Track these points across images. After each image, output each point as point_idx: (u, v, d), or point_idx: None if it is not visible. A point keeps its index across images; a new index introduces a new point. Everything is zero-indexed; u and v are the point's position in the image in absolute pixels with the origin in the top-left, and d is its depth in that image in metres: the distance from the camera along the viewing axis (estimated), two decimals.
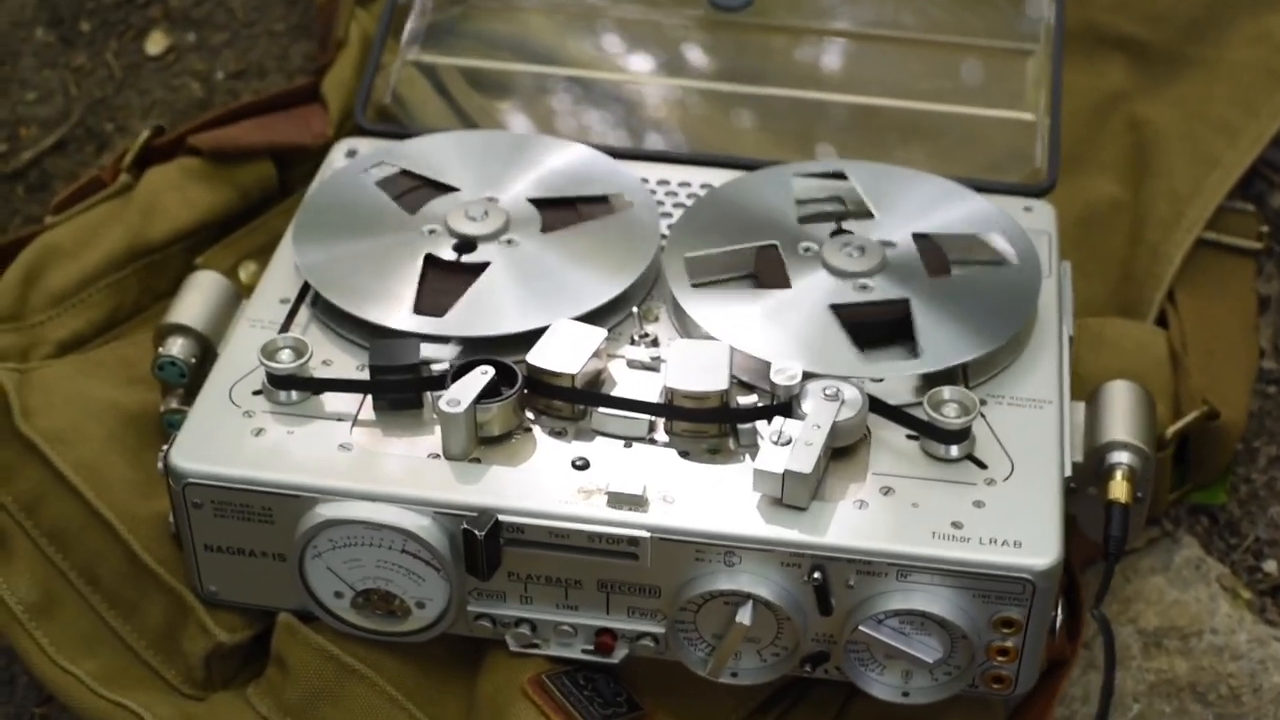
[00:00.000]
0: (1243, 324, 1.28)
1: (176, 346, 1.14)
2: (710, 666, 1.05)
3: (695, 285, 1.14)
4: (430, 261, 1.15)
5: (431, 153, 1.24)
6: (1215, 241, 1.31)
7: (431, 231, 1.17)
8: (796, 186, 1.21)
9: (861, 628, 1.01)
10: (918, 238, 1.16)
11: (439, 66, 1.38)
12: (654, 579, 1.03)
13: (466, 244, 1.16)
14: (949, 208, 1.19)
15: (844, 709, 1.09)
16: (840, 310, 1.12)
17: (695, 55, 1.39)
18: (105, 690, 1.08)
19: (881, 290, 1.13)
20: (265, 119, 1.33)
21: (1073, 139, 1.34)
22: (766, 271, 1.15)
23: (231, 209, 1.30)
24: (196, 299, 1.17)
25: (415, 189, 1.21)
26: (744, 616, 1.02)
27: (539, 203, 1.20)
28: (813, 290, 1.14)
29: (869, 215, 1.18)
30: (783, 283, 1.14)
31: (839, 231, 1.17)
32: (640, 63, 1.39)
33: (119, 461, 1.13)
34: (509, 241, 1.16)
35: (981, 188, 1.23)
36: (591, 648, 1.06)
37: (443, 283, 1.14)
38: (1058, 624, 1.04)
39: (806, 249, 1.16)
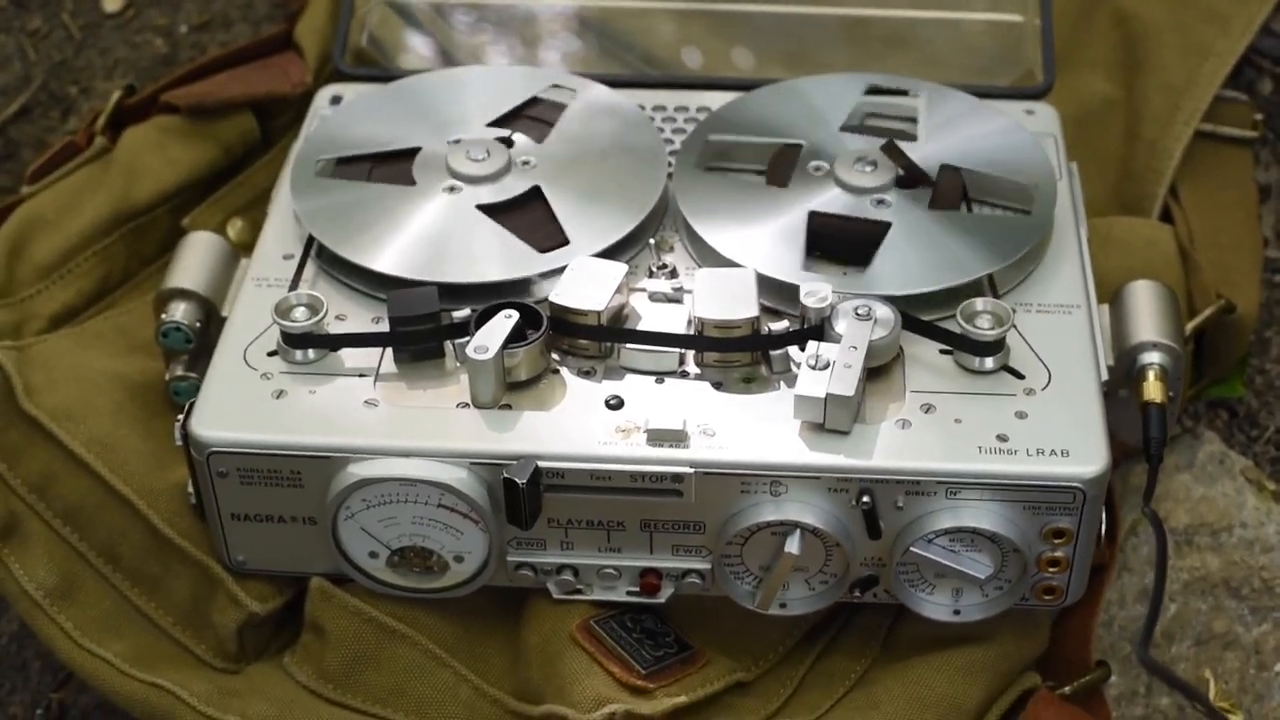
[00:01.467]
0: (1246, 214, 1.28)
1: (179, 311, 1.11)
2: (759, 599, 1.03)
3: (701, 168, 1.13)
4: (487, 210, 1.12)
5: (366, 119, 1.20)
6: (1212, 133, 1.30)
7: (452, 189, 1.13)
8: (858, 100, 1.18)
9: (912, 548, 1.00)
10: (945, 169, 1.14)
11: (412, 4, 1.34)
12: (698, 515, 1.01)
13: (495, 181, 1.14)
14: (990, 139, 1.16)
15: (891, 631, 1.08)
16: (816, 218, 1.11)
17: None
18: (136, 671, 1.05)
19: (874, 210, 1.11)
20: (241, 70, 1.29)
21: (1059, 38, 1.32)
22: (775, 170, 1.13)
23: (215, 165, 1.26)
24: (194, 261, 1.13)
25: (376, 166, 1.17)
26: (792, 546, 1.00)
27: (499, 124, 1.17)
28: (806, 196, 1.12)
29: (911, 138, 1.16)
30: (781, 182, 1.13)
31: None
32: None
33: (130, 434, 1.10)
34: (525, 163, 1.14)
35: (980, 93, 1.21)
36: (637, 589, 1.05)
37: (515, 221, 1.11)
38: (1103, 531, 1.04)
39: (817, 167, 1.14)
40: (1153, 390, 1.06)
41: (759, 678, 1.06)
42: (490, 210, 1.12)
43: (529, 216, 1.12)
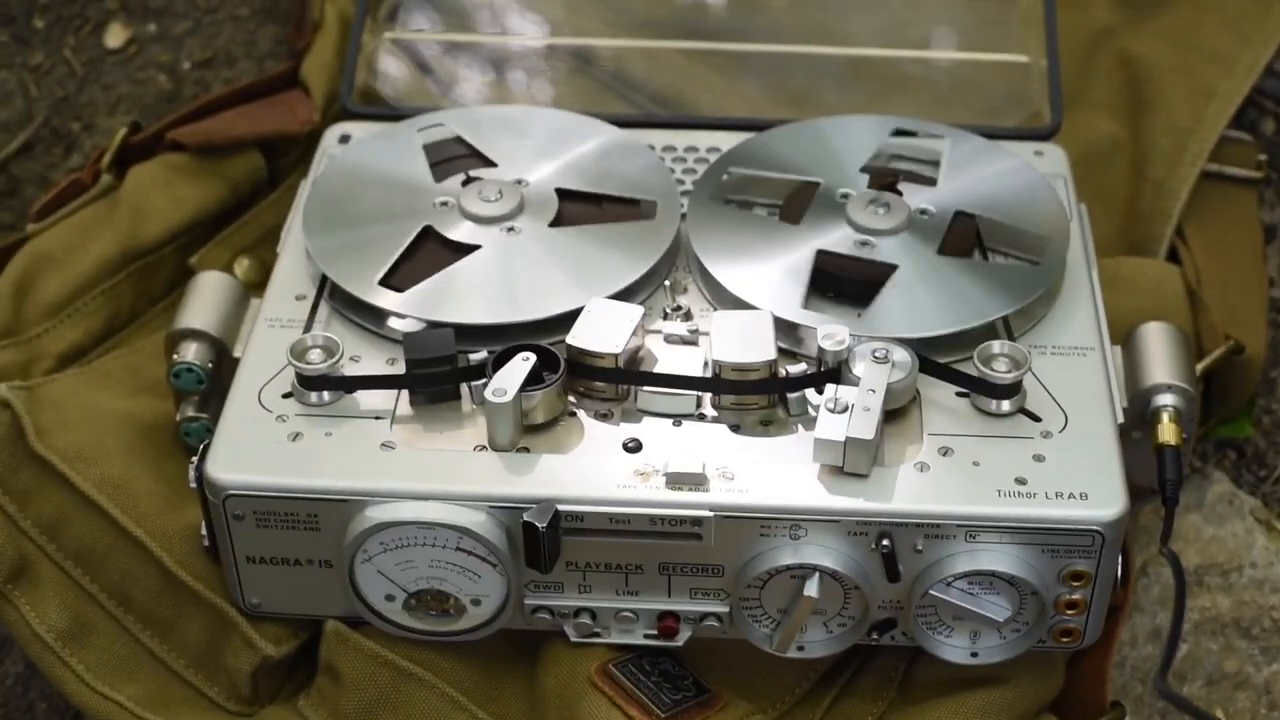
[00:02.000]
0: (1252, 254, 1.28)
1: (191, 352, 1.10)
2: (777, 642, 1.03)
3: (718, 200, 1.13)
4: (427, 233, 1.12)
5: (484, 124, 1.21)
6: (1218, 173, 1.31)
7: (444, 203, 1.14)
8: (884, 141, 1.19)
9: (931, 591, 1.00)
10: (960, 215, 1.14)
11: (418, 43, 1.34)
12: (717, 558, 1.01)
13: (474, 223, 1.13)
14: (1007, 189, 1.16)
15: (907, 674, 1.08)
16: (822, 256, 1.11)
17: (682, 16, 1.36)
18: (149, 714, 1.05)
19: (883, 253, 1.11)
20: (247, 108, 1.29)
21: (1064, 79, 1.33)
22: (790, 207, 1.13)
23: (222, 204, 1.26)
24: (205, 301, 1.13)
25: (457, 158, 1.18)
26: (811, 589, 1.00)
27: (565, 194, 1.16)
28: (817, 234, 1.12)
29: (931, 182, 1.17)
30: (794, 219, 1.13)
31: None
32: (623, 27, 1.36)
33: (143, 475, 1.09)
34: (510, 230, 1.13)
35: (988, 134, 1.21)
36: (654, 632, 1.04)
37: (427, 258, 1.11)
38: (1119, 575, 1.04)
39: (844, 195, 1.14)
40: (1167, 433, 1.07)
41: None
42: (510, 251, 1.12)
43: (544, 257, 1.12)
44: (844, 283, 1.10)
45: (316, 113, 1.29)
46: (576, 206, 1.16)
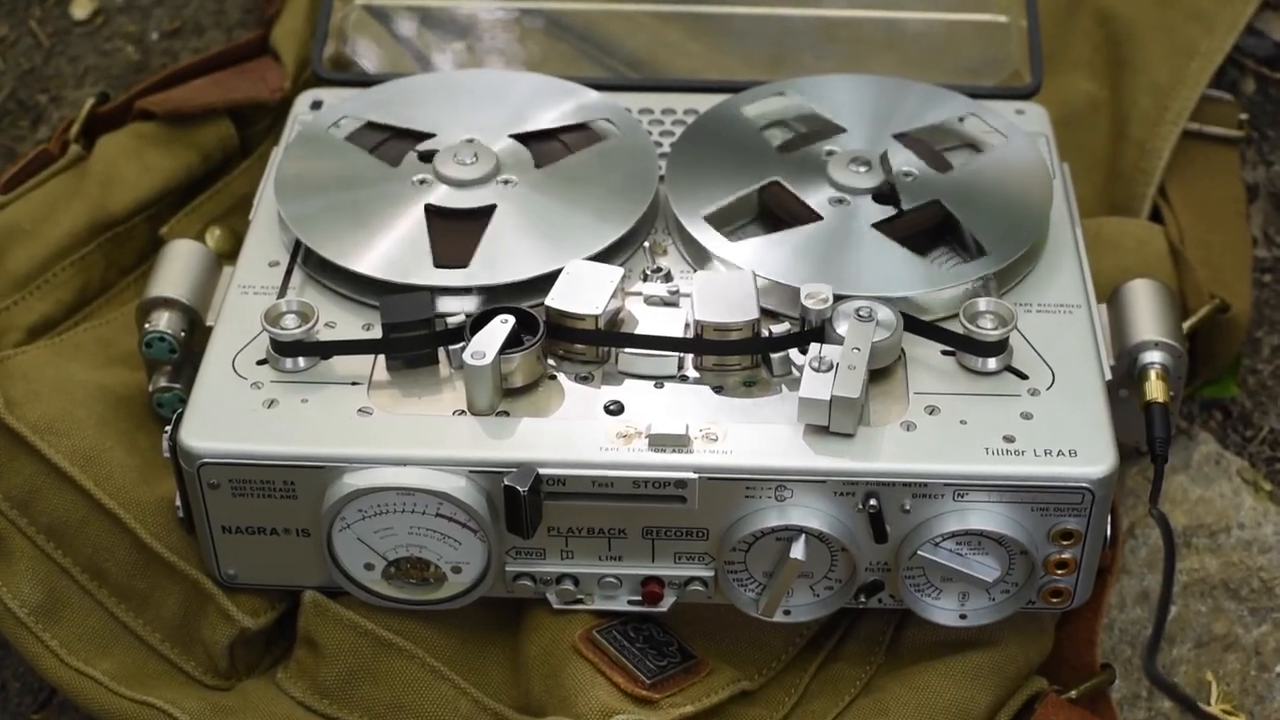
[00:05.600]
0: (1235, 213, 1.27)
1: (163, 321, 1.08)
2: (763, 606, 1.02)
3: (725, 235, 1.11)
4: (433, 211, 1.10)
5: (396, 100, 1.19)
6: (1199, 132, 1.29)
7: (422, 181, 1.12)
8: (753, 115, 1.18)
9: (920, 552, 0.99)
10: (899, 138, 1.14)
11: (390, 8, 1.32)
12: (702, 521, 1.00)
13: (461, 187, 1.11)
14: (919, 106, 1.17)
15: (895, 637, 1.06)
16: (884, 226, 1.09)
17: None
18: (125, 689, 1.03)
19: (832, 207, 1.10)
20: (218, 76, 1.27)
21: (1044, 39, 1.31)
22: (782, 208, 1.11)
23: (193, 172, 1.24)
24: (176, 269, 1.11)
25: (387, 140, 1.16)
26: (798, 551, 0.99)
27: (523, 138, 1.15)
28: (843, 215, 1.10)
29: (840, 130, 1.15)
30: (810, 216, 1.11)
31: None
32: None
33: (115, 447, 1.07)
34: (506, 182, 1.12)
35: (969, 93, 1.20)
36: (638, 598, 1.03)
37: (451, 232, 1.09)
38: (1108, 534, 1.03)
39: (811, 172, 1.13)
40: (1155, 390, 1.05)
41: (763, 686, 1.04)
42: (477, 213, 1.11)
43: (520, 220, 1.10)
44: (769, 215, 1.10)
45: (287, 80, 1.27)
46: (542, 147, 1.14)
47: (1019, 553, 0.99)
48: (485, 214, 1.10)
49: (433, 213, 1.10)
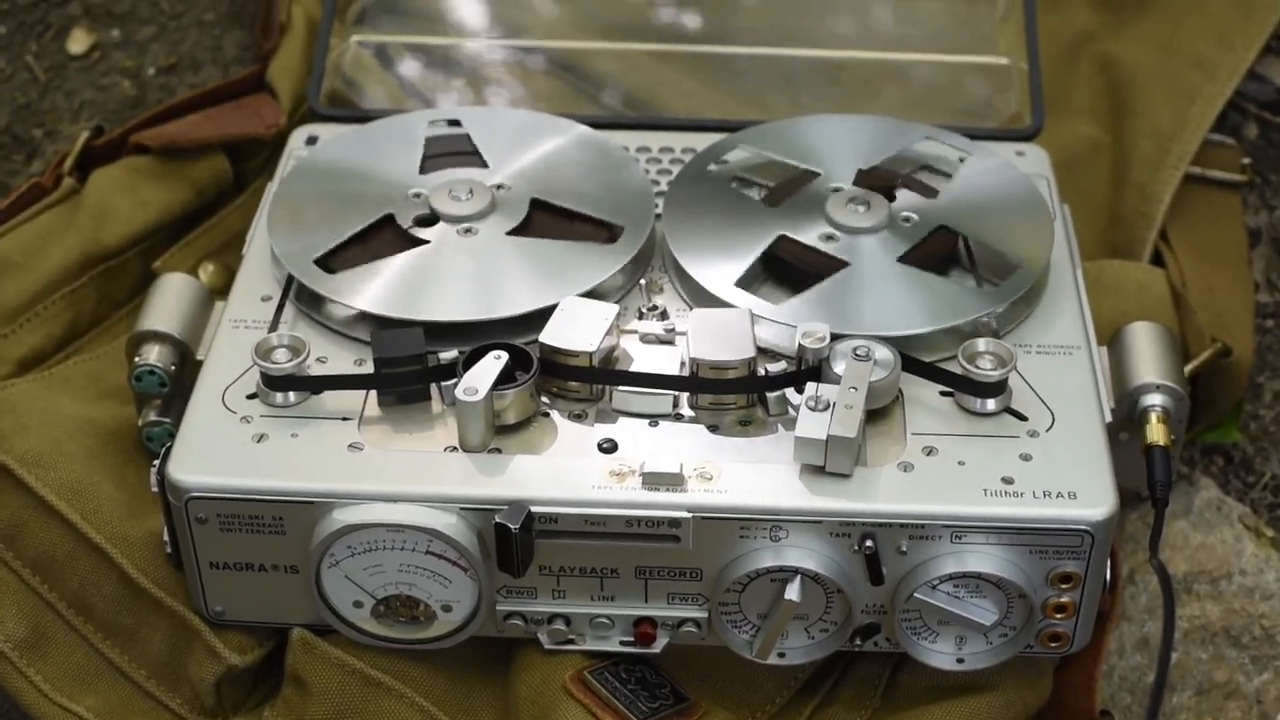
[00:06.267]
0: (1237, 258, 1.26)
1: (154, 354, 1.07)
2: (757, 648, 1.00)
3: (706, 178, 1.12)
4: (387, 221, 1.10)
5: (391, 137, 1.18)
6: (1201, 176, 1.29)
7: (416, 196, 1.11)
8: (898, 143, 1.17)
9: (916, 594, 0.97)
10: (942, 229, 1.11)
11: (387, 45, 1.32)
12: (695, 561, 0.98)
13: (428, 220, 1.11)
14: (981, 176, 1.15)
15: (891, 681, 1.05)
16: (908, 258, 1.08)
17: (655, 18, 1.33)
18: None
19: (845, 250, 1.09)
20: (213, 111, 1.26)
21: (1045, 83, 1.31)
22: (776, 194, 1.11)
23: (186, 207, 1.23)
24: (167, 303, 1.10)
25: (452, 154, 1.15)
26: (792, 593, 0.97)
27: (539, 204, 1.13)
28: (788, 222, 1.10)
29: (934, 193, 1.14)
30: (775, 202, 1.11)
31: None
32: (597, 29, 1.33)
33: (103, 481, 1.06)
34: (467, 230, 1.10)
35: (970, 135, 1.19)
36: (631, 639, 1.01)
37: (377, 247, 1.09)
38: (1108, 579, 1.01)
39: (836, 189, 1.12)
40: (1156, 433, 1.04)
41: None
42: (481, 248, 1.10)
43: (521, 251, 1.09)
44: (789, 270, 1.08)
45: (283, 116, 1.26)
46: (547, 218, 1.13)
47: (1017, 596, 0.98)
48: (415, 244, 1.09)
49: (387, 222, 1.10)
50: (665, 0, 1.35)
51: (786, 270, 1.08)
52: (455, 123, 1.18)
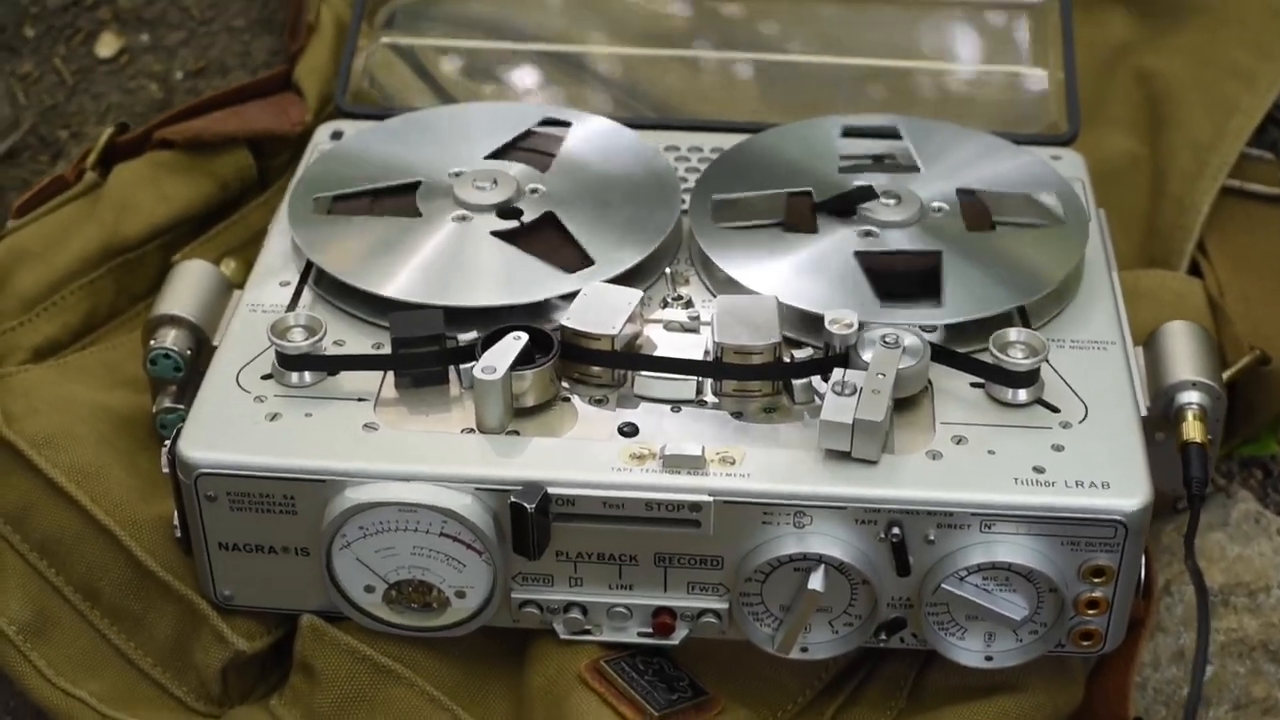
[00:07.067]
0: (1275, 271, 1.23)
1: (170, 338, 1.05)
2: (779, 642, 0.97)
3: (721, 227, 1.08)
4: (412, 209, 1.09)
5: (414, 131, 1.17)
6: (1239, 189, 1.26)
7: (450, 184, 1.10)
8: (842, 143, 1.15)
9: (944, 586, 0.94)
10: (962, 193, 1.10)
11: (416, 48, 1.31)
12: (716, 548, 0.96)
13: (480, 213, 1.09)
14: (995, 163, 1.14)
15: (918, 682, 1.02)
16: (864, 257, 1.06)
17: (693, 26, 1.32)
18: (113, 712, 0.99)
19: (913, 242, 1.07)
20: (239, 108, 1.25)
21: (1082, 95, 1.29)
22: (796, 217, 1.09)
23: (209, 202, 1.21)
24: (186, 289, 1.08)
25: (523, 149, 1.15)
26: (816, 583, 0.94)
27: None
28: (841, 238, 1.07)
29: (915, 169, 1.13)
30: (810, 228, 1.08)
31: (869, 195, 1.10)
32: (628, 36, 1.32)
33: (113, 465, 1.04)
34: (534, 191, 1.10)
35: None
36: (649, 630, 0.98)
37: (406, 239, 1.07)
38: (1143, 577, 0.98)
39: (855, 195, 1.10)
40: (1193, 430, 1.01)
41: None
42: (505, 236, 1.08)
43: (544, 243, 1.07)
44: (902, 279, 1.05)
45: (309, 114, 1.25)
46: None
47: (1048, 590, 0.95)
48: (549, 221, 1.08)
49: (503, 236, 1.08)
50: (706, 10, 1.33)
51: (891, 281, 1.05)
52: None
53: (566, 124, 1.17)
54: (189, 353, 1.05)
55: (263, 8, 1.42)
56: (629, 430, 0.97)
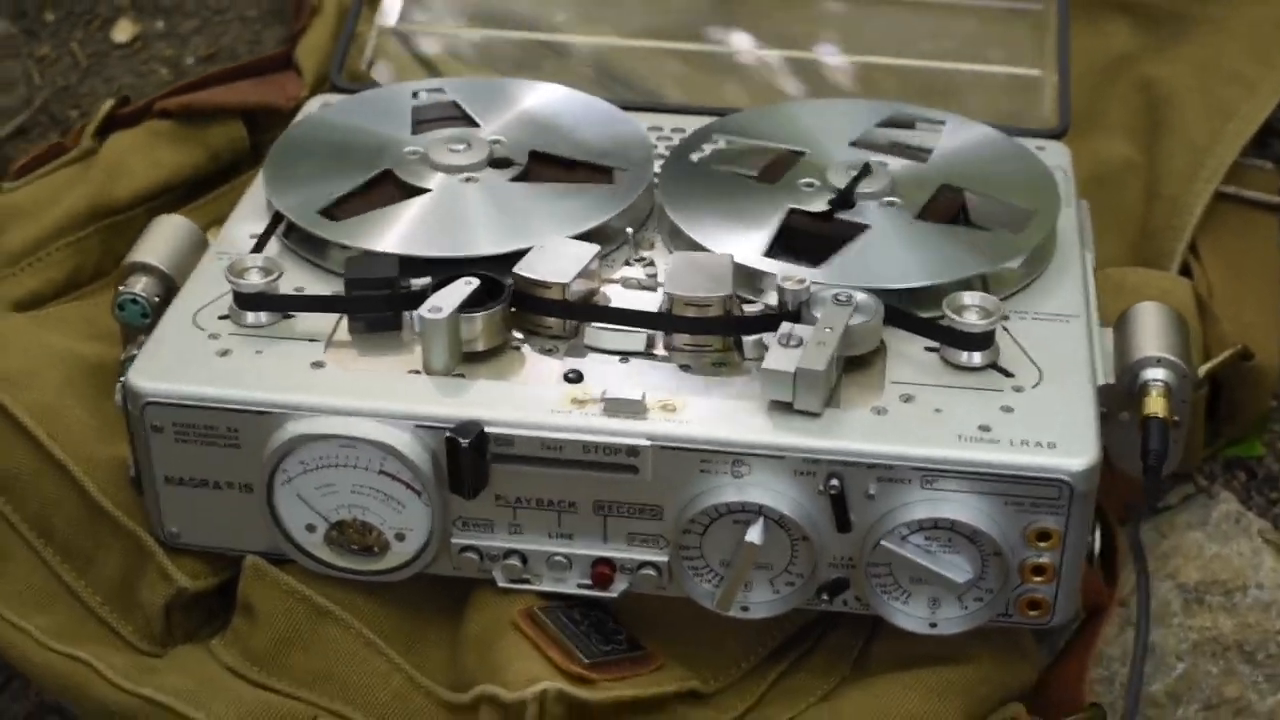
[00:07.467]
0: (1268, 277, 1.21)
1: (139, 285, 1.06)
2: (719, 598, 0.96)
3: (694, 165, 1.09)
4: (385, 176, 1.09)
5: (477, 91, 1.19)
6: (1236, 195, 1.24)
7: (412, 153, 1.10)
8: (875, 126, 1.15)
9: (884, 543, 0.93)
10: (945, 188, 1.09)
11: (416, 33, 1.32)
12: (655, 497, 0.94)
13: (433, 170, 1.10)
14: (979, 148, 1.13)
15: (865, 651, 1.00)
16: (793, 215, 1.05)
17: (689, 18, 1.33)
18: (56, 644, 0.99)
19: (858, 216, 1.06)
20: (237, 84, 1.27)
21: (1081, 102, 1.28)
22: (769, 170, 1.09)
23: (200, 170, 1.23)
24: (161, 240, 1.09)
25: (444, 119, 1.15)
26: (754, 535, 0.93)
27: (538, 155, 1.12)
28: (791, 195, 1.07)
29: (921, 158, 1.12)
30: (772, 179, 1.08)
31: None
32: (629, 28, 1.33)
33: (75, 406, 1.05)
34: (468, 179, 1.09)
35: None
36: (588, 582, 0.97)
37: (377, 198, 1.07)
38: (1095, 549, 0.96)
39: (809, 183, 1.09)
40: (1154, 405, 0.99)
41: (717, 691, 0.98)
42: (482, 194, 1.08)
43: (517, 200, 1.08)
44: (809, 239, 1.05)
45: (305, 90, 1.26)
46: (546, 168, 1.12)
47: (993, 553, 0.93)
48: (416, 193, 1.08)
49: (384, 177, 1.09)
50: (701, 6, 1.34)
51: (803, 242, 1.05)
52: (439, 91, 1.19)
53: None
54: (157, 300, 1.06)
55: (275, 1, 1.45)
56: (574, 377, 0.97)
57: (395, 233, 1.04)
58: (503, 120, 1.15)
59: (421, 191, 1.08)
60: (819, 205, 1.07)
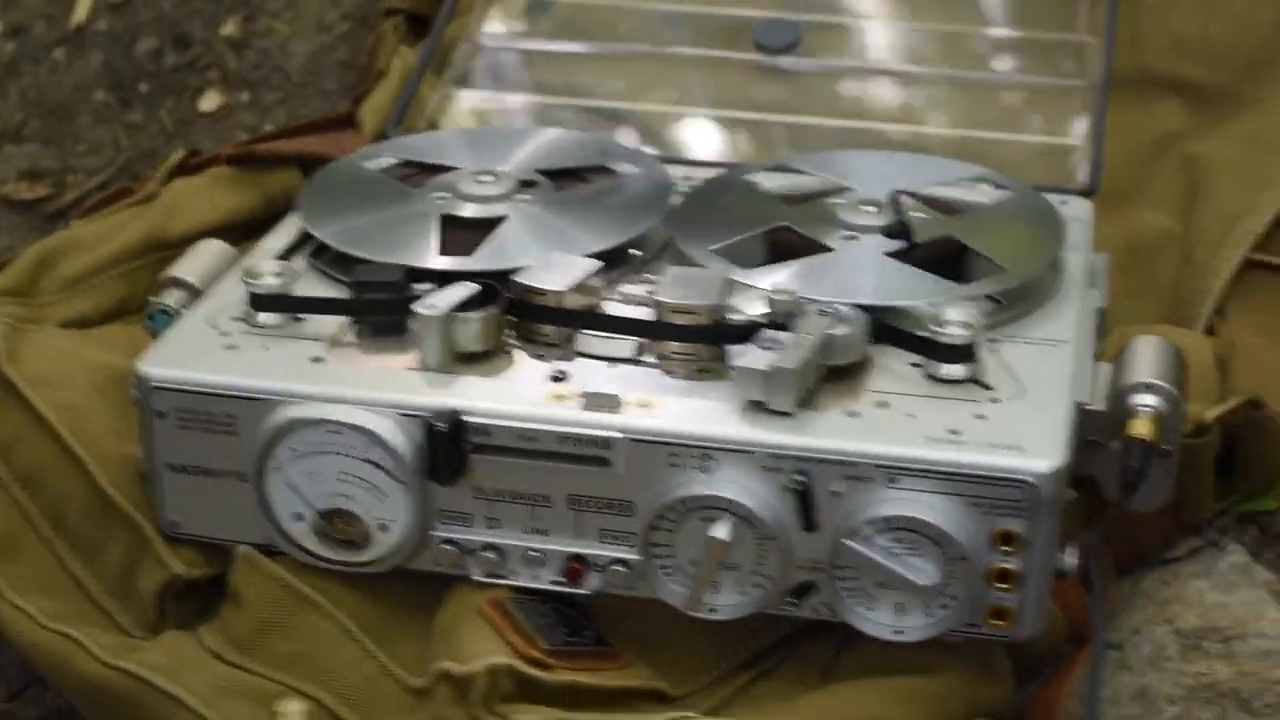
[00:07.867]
0: None
1: (172, 298, 1.10)
2: (688, 598, 0.97)
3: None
4: (449, 221, 1.12)
5: (433, 143, 1.24)
6: (1269, 264, 1.24)
7: (441, 199, 1.15)
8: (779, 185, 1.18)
9: (849, 542, 0.93)
10: (901, 194, 1.13)
11: (480, 101, 1.38)
12: (627, 492, 0.96)
13: (475, 202, 1.14)
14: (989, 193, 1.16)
15: (835, 662, 1.00)
16: (898, 255, 1.08)
17: (743, 92, 1.36)
18: (51, 624, 1.02)
19: (835, 242, 1.09)
20: (299, 138, 1.33)
21: (1124, 177, 1.29)
22: (788, 247, 1.11)
23: (255, 213, 1.28)
24: (199, 259, 1.14)
25: (414, 174, 1.19)
26: (721, 531, 0.94)
27: (547, 173, 1.17)
28: (854, 248, 1.09)
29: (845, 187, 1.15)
30: (819, 249, 1.10)
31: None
32: (690, 100, 1.37)
33: (100, 408, 1.09)
34: (522, 200, 1.14)
35: None
36: (562, 578, 0.99)
37: (462, 237, 1.11)
38: (1066, 564, 0.95)
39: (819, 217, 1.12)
40: (1139, 427, 0.98)
41: (683, 696, 0.99)
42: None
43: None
44: (782, 254, 1.09)
45: (363, 145, 1.32)
46: (564, 182, 1.17)
47: (957, 557, 0.93)
48: (494, 224, 1.12)
49: (450, 222, 1.12)
50: (760, 79, 1.38)
51: (781, 256, 1.08)
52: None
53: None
54: (185, 311, 1.11)
55: (358, 76, 1.51)
56: (559, 377, 0.99)
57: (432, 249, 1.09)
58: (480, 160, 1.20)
59: (495, 221, 1.12)
60: (812, 229, 1.10)
